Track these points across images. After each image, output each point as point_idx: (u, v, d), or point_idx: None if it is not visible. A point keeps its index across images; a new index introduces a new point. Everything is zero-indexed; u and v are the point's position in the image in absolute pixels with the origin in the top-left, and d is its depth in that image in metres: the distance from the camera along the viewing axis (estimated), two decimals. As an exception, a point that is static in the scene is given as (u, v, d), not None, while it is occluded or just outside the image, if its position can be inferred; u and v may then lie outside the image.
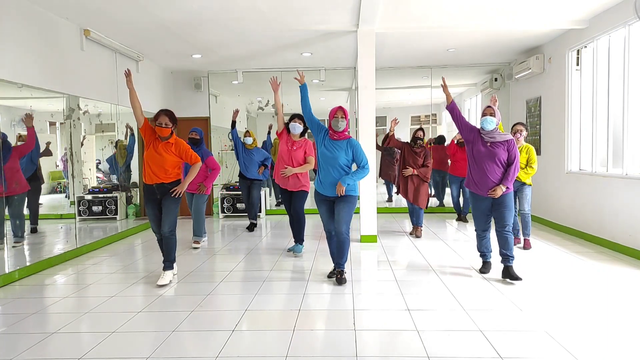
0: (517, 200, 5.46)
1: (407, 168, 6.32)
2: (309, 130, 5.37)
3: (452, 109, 4.46)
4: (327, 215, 4.33)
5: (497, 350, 2.82)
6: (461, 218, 7.86)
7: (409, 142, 6.49)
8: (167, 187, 4.34)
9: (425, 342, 2.96)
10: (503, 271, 4.31)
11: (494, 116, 4.24)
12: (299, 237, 5.57)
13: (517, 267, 4.63)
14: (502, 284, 4.18)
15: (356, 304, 3.73)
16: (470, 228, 7.23)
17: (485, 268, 4.54)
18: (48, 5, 5.18)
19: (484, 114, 4.29)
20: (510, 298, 3.80)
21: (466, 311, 3.51)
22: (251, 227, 7.33)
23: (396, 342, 3.00)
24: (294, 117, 5.36)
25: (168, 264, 4.46)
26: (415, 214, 6.58)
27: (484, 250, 4.54)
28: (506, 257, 4.30)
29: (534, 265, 4.86)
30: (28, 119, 5.29)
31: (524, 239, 5.61)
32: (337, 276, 4.30)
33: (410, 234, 6.70)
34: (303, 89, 4.42)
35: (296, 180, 5.37)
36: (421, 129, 6.44)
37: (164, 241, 4.45)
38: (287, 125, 5.37)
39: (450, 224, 7.68)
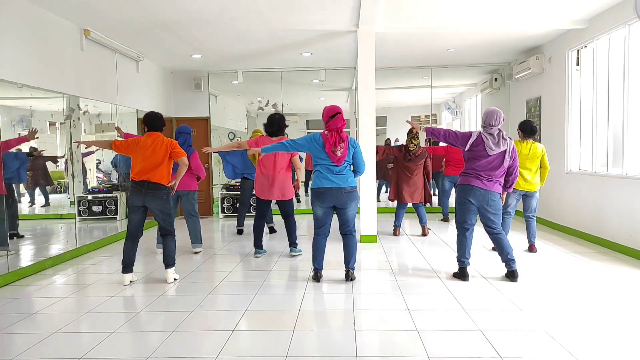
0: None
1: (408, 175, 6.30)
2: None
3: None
4: (326, 214, 4.25)
5: (497, 350, 2.82)
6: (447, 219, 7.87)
7: (406, 147, 6.35)
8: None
9: (425, 342, 2.96)
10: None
11: None
12: (293, 241, 5.42)
13: (518, 267, 4.63)
14: (502, 284, 4.18)
15: (356, 304, 3.73)
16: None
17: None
18: (48, 5, 5.18)
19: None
20: (510, 298, 3.79)
21: (466, 311, 3.51)
22: (272, 230, 7.05)
23: (396, 342, 3.00)
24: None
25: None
26: (417, 213, 6.57)
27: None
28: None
29: (534, 265, 4.86)
30: None
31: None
32: (347, 273, 4.35)
33: (394, 234, 6.61)
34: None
35: (282, 188, 5.18)
36: (410, 132, 6.37)
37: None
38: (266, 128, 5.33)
39: (450, 224, 7.67)
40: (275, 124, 5.26)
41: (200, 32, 6.38)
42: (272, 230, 7.04)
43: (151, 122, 4.41)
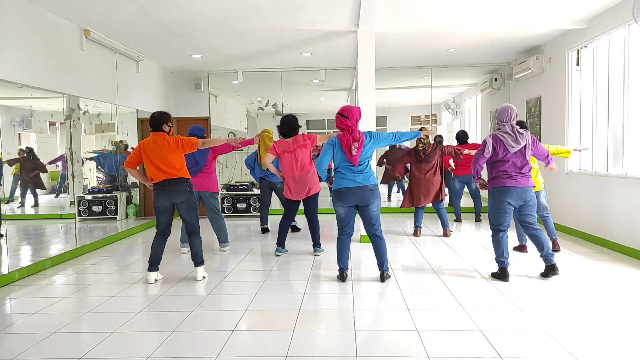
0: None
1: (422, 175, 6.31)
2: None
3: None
4: (349, 214, 4.26)
5: (497, 350, 2.82)
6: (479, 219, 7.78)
7: (415, 149, 6.38)
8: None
9: (425, 342, 2.96)
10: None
11: None
12: (317, 241, 5.49)
13: (517, 267, 4.62)
14: (502, 284, 4.18)
15: (356, 304, 3.73)
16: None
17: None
18: (48, 5, 5.18)
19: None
20: (510, 298, 3.79)
21: (466, 311, 3.51)
22: (295, 228, 7.13)
23: (396, 342, 3.00)
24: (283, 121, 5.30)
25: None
26: (439, 214, 6.57)
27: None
28: None
29: (534, 265, 4.86)
30: None
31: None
32: (382, 274, 4.36)
33: (415, 234, 6.63)
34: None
35: (311, 184, 5.25)
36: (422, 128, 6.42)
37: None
38: (280, 130, 5.31)
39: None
40: (288, 125, 5.29)
41: (200, 32, 6.38)
42: (295, 229, 7.08)
43: (155, 122, 4.41)
